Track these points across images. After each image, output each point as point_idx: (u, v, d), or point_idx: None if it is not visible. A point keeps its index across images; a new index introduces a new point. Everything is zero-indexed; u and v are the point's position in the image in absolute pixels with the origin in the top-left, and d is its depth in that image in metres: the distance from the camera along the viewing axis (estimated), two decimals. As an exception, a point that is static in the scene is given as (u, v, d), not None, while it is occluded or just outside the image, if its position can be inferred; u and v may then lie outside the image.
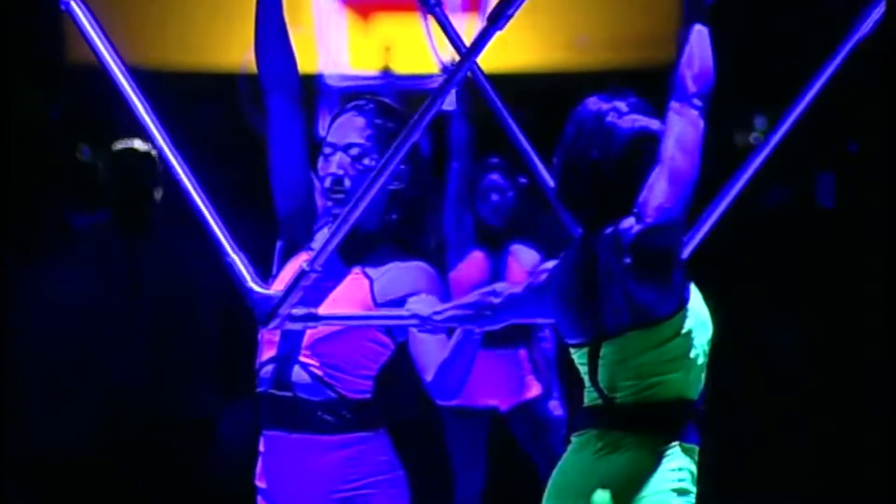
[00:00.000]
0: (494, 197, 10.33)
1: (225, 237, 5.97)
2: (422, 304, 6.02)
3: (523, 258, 10.11)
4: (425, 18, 10.22)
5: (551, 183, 5.89)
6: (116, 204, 11.38)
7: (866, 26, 6.31)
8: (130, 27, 11.14)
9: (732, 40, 5.86)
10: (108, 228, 11.69)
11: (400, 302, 6.11)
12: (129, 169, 11.14)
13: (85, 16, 6.04)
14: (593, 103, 5.75)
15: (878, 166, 13.32)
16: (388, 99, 6.51)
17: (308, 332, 6.11)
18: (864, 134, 13.78)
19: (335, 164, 6.23)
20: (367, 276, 6.19)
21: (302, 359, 6.17)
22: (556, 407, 10.40)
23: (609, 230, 5.63)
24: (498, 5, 5.76)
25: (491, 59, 6.55)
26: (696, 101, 5.60)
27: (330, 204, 6.25)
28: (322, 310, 6.07)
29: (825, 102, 6.30)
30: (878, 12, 6.31)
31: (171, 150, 6.14)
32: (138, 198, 11.11)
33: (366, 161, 6.29)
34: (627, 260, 5.51)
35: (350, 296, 6.15)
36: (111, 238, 11.48)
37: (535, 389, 10.41)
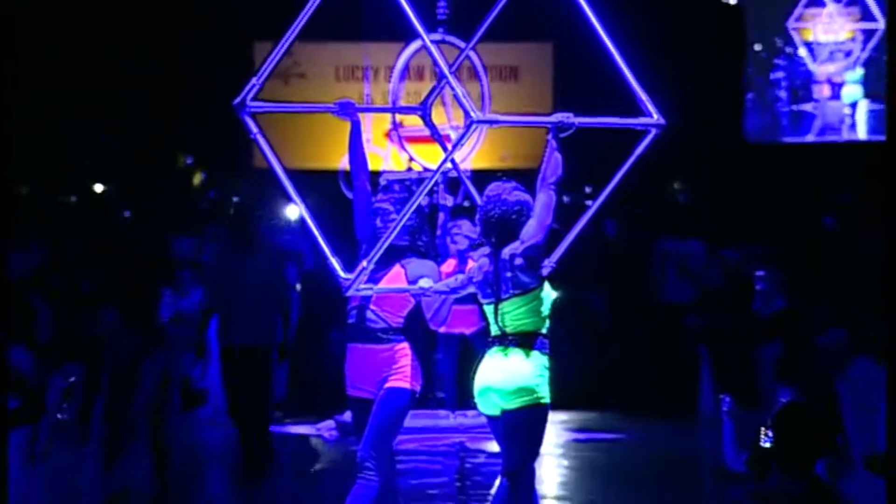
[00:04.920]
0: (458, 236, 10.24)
1: (328, 248, 5.91)
2: (427, 282, 6.06)
3: (473, 262, 9.94)
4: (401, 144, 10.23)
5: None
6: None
7: (643, 147, 6.08)
8: (284, 142, 10.82)
9: (573, 152, 5.88)
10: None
11: (418, 280, 6.09)
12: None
13: (263, 139, 5.95)
14: (495, 186, 5.90)
15: (645, 218, 13.19)
16: (409, 183, 6.44)
17: (374, 294, 6.11)
18: (640, 198, 13.55)
19: (378, 217, 6.26)
20: (403, 267, 6.20)
21: (370, 307, 6.16)
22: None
23: (505, 249, 5.79)
24: (457, 139, 5.79)
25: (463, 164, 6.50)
26: (552, 186, 5.74)
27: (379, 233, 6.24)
28: (380, 285, 6.10)
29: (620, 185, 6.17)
30: (649, 139, 6.04)
31: (303, 208, 6.04)
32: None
33: (393, 214, 6.17)
34: (516, 262, 5.54)
35: (394, 277, 6.19)
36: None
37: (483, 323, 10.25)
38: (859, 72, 12.97)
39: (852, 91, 12.91)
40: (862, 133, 13.03)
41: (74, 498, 7.57)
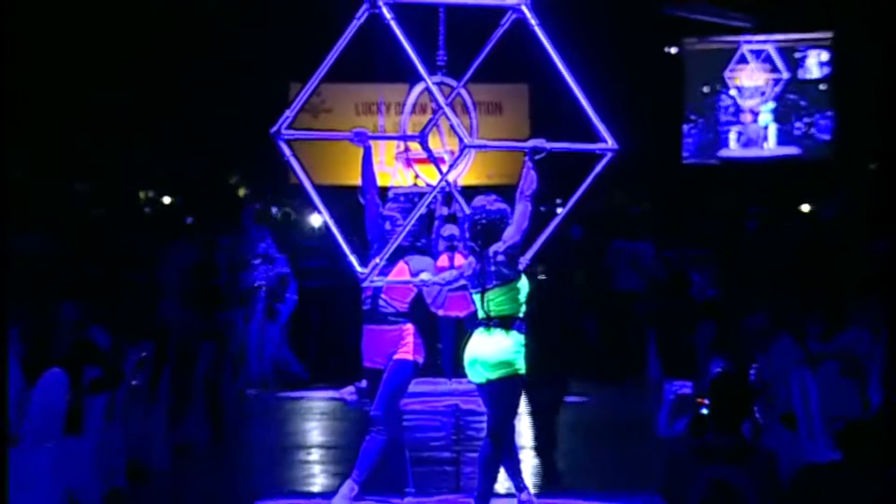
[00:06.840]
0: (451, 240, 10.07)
1: (347, 247, 5.82)
2: (426, 276, 5.95)
3: (461, 259, 9.79)
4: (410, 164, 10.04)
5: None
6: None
7: (601, 167, 5.97)
8: (312, 162, 10.67)
9: (546, 170, 5.80)
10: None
11: (420, 273, 5.99)
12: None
13: (295, 160, 5.86)
14: (480, 199, 5.76)
15: (605, 226, 12.98)
16: (412, 196, 6.29)
17: (385, 285, 5.99)
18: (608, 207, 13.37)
19: (388, 222, 6.12)
20: (406, 263, 6.08)
21: (382, 296, 6.05)
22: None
23: (490, 249, 5.61)
24: (451, 163, 5.71)
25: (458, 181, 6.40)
26: (528, 197, 5.64)
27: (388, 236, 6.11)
28: (389, 277, 5.99)
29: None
30: (605, 161, 5.90)
31: (327, 214, 5.94)
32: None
33: (400, 220, 6.06)
34: (499, 258, 5.41)
35: (399, 271, 6.08)
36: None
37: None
38: (770, 105, 15.11)
39: (765, 118, 15.17)
40: (772, 144, 15.11)
41: (146, 448, 7.55)
